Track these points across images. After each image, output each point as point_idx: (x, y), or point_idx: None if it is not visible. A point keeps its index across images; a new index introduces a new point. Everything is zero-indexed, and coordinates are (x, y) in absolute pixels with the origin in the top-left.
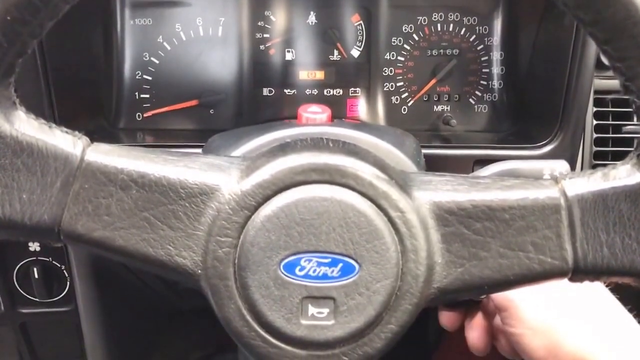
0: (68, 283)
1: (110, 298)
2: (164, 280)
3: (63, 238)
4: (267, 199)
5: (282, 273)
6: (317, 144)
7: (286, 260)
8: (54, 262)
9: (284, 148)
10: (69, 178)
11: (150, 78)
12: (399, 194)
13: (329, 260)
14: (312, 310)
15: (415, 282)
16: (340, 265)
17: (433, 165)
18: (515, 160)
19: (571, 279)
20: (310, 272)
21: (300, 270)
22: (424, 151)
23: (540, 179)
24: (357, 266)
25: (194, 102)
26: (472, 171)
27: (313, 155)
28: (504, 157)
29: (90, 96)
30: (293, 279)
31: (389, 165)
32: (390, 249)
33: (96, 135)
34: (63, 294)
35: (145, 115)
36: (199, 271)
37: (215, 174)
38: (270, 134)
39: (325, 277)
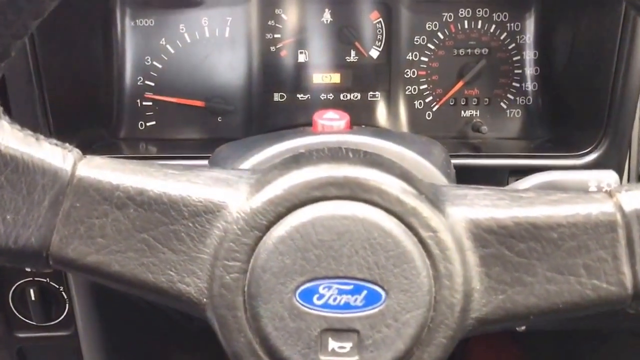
0: (67, 305)
1: (112, 321)
2: None
3: (52, 263)
4: (280, 217)
5: (298, 302)
6: (336, 154)
7: (302, 288)
8: (51, 282)
9: (298, 159)
10: (58, 196)
11: (152, 84)
12: (430, 210)
13: (352, 287)
14: (332, 344)
15: (451, 312)
16: (365, 292)
17: (464, 177)
18: (557, 170)
19: (630, 307)
20: (330, 301)
21: (319, 298)
22: (453, 161)
23: (592, 192)
24: (383, 294)
25: (200, 103)
26: (508, 183)
27: (331, 167)
28: (543, 168)
29: (89, 104)
30: (310, 308)
31: (418, 178)
32: (421, 274)
33: (95, 146)
34: (62, 317)
35: (145, 96)
36: (205, 300)
37: (222, 190)
38: (283, 143)
39: (347, 306)
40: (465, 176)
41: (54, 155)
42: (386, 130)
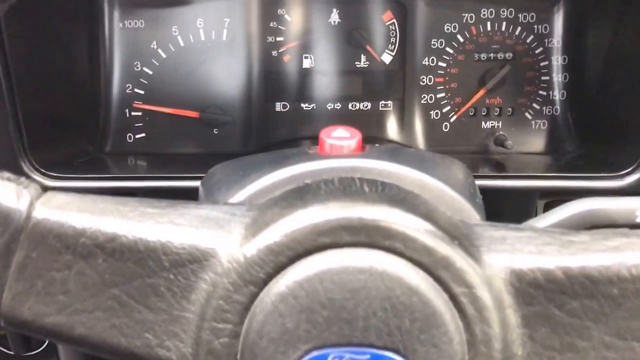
0: None
1: None
2: None
3: (4, 324)
4: (280, 269)
5: None
6: (348, 188)
7: (308, 358)
8: None
9: (303, 194)
10: (10, 244)
11: (142, 92)
12: (463, 260)
13: (368, 357)
14: None
15: None
16: None
17: (489, 199)
18: (596, 196)
19: None
20: None
21: None
22: (476, 182)
23: None
24: None
25: (194, 113)
26: (537, 207)
27: (344, 206)
28: (576, 190)
29: (70, 115)
30: None
31: (446, 216)
32: (453, 341)
33: (77, 162)
34: (42, 348)
35: (134, 105)
36: None
37: (210, 233)
38: (285, 169)
39: None
40: (491, 199)
41: (6, 193)
42: (403, 149)
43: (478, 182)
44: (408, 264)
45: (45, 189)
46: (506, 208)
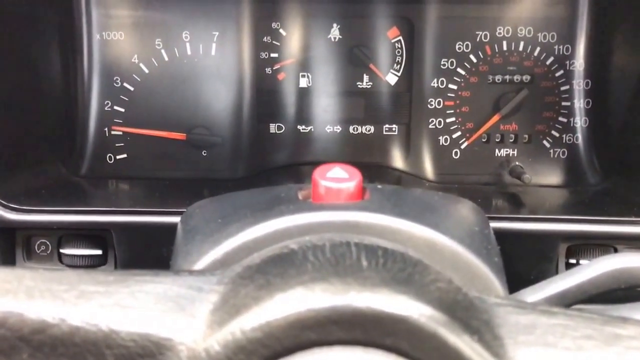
0: None
1: None
2: None
3: None
4: None
5: None
6: (342, 260)
7: None
8: None
9: (285, 268)
10: None
11: (122, 110)
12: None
13: None
14: None
15: None
16: None
17: (503, 245)
18: (629, 252)
19: None
20: None
21: None
22: (493, 224)
23: None
24: None
25: (180, 136)
26: (559, 252)
27: (334, 289)
28: (602, 235)
29: (40, 134)
30: None
31: (463, 299)
32: None
33: (46, 190)
34: None
35: (114, 128)
36: None
37: (168, 318)
38: (268, 222)
39: None
40: (507, 245)
41: None
42: (408, 193)
43: (494, 224)
44: None
45: None
46: (525, 251)
